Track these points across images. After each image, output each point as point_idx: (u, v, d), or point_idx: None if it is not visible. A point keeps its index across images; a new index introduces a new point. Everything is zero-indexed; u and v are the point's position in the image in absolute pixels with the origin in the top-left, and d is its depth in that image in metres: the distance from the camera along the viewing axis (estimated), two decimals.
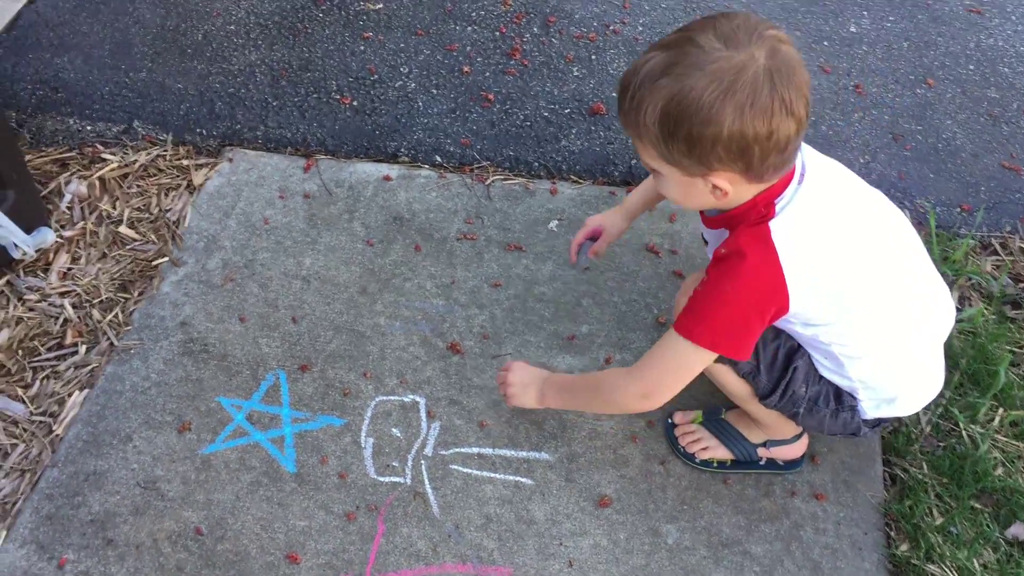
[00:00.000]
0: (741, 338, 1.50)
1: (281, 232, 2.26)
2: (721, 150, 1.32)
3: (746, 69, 1.27)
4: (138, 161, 2.37)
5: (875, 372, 1.62)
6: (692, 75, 1.29)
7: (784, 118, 1.29)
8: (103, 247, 2.23)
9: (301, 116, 2.48)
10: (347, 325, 2.10)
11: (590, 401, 1.79)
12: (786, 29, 2.67)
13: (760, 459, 1.90)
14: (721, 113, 1.28)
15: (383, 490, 1.87)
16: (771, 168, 1.37)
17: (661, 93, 1.31)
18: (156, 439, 1.93)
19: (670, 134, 1.34)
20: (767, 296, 1.46)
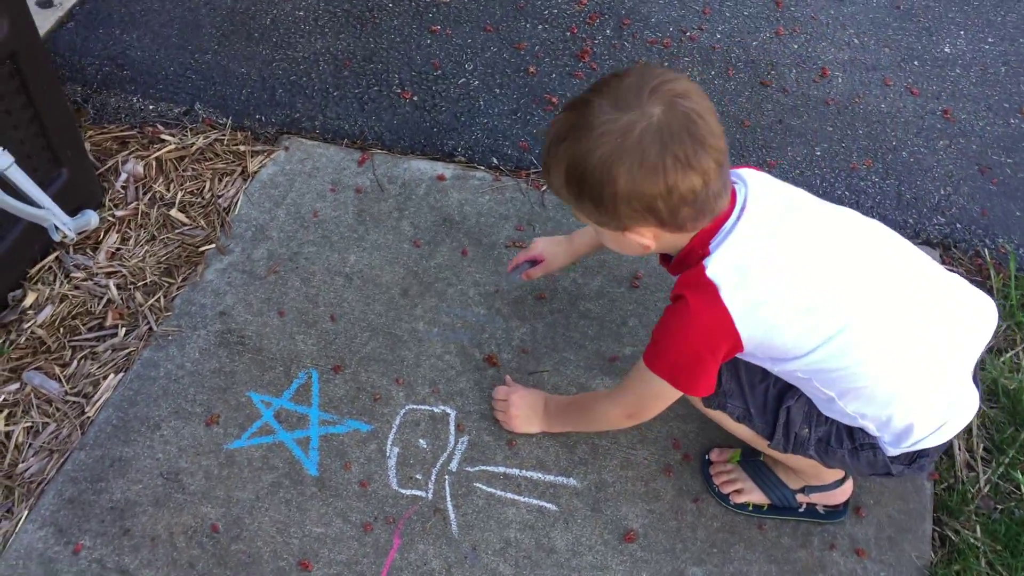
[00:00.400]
0: (695, 376, 1.49)
1: (329, 226, 2.22)
2: (625, 208, 1.33)
3: (631, 130, 1.27)
4: (195, 144, 2.36)
5: (871, 403, 1.49)
6: (585, 137, 1.31)
7: (681, 174, 1.28)
8: (153, 229, 2.23)
9: (360, 108, 2.44)
10: (385, 327, 2.06)
11: (585, 423, 1.84)
12: (874, 46, 2.53)
13: (799, 505, 1.80)
14: (614, 174, 1.30)
15: (403, 503, 1.83)
16: (688, 219, 1.35)
17: (563, 156, 1.35)
18: (183, 430, 1.92)
19: (577, 196, 1.37)
20: (715, 334, 1.42)
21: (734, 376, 1.63)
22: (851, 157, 2.35)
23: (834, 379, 1.48)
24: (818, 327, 1.42)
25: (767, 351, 1.47)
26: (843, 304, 1.42)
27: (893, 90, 2.46)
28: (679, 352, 1.47)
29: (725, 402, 1.65)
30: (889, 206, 2.26)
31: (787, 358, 1.47)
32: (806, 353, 1.44)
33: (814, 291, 1.41)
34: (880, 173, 2.32)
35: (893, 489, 1.85)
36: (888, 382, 1.46)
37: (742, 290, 1.39)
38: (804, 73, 2.49)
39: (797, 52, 2.53)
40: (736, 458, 1.84)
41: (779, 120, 2.40)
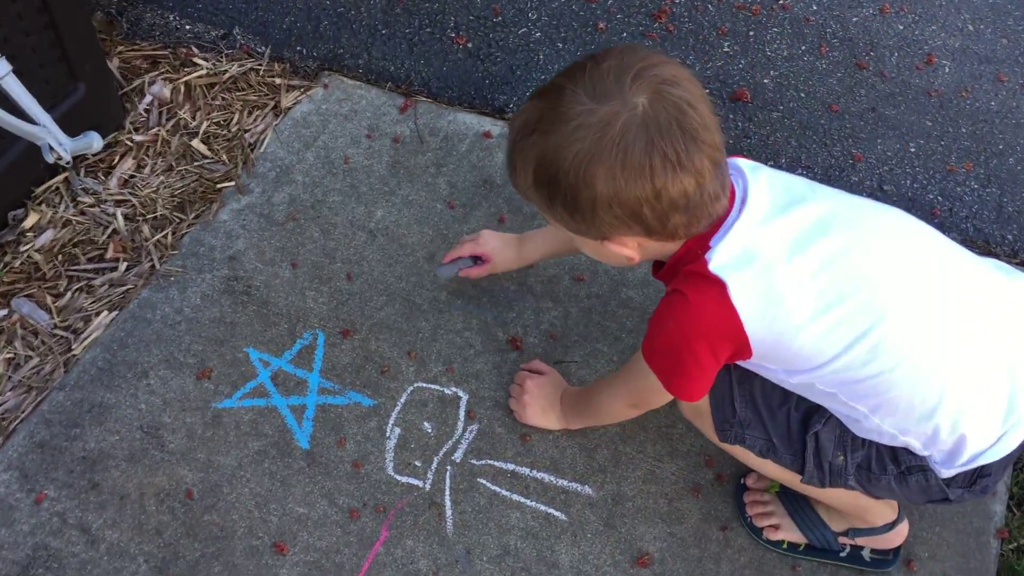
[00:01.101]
0: (690, 379, 1.31)
1: (359, 175, 2.03)
2: (605, 215, 1.16)
3: (612, 124, 1.11)
4: (228, 72, 2.19)
5: (911, 414, 1.26)
6: (556, 132, 1.13)
7: (670, 175, 1.11)
8: (171, 159, 2.06)
9: (409, 50, 2.24)
10: (403, 293, 1.87)
11: (596, 416, 1.67)
12: (990, 35, 2.24)
13: (841, 548, 1.58)
14: (591, 176, 1.12)
15: (397, 491, 1.65)
16: (679, 226, 1.18)
17: (531, 152, 1.18)
18: (172, 381, 1.76)
19: (548, 199, 1.20)
20: (718, 335, 1.24)
21: (749, 402, 1.43)
22: (950, 158, 2.08)
23: (864, 391, 1.26)
24: (842, 327, 1.21)
25: (781, 358, 1.27)
26: (872, 297, 1.22)
27: (1007, 87, 2.17)
28: (675, 352, 1.29)
29: (743, 434, 1.44)
30: (987, 217, 1.99)
31: (805, 368, 1.27)
32: (829, 360, 1.24)
33: (837, 283, 1.21)
34: (980, 179, 2.05)
35: (953, 544, 1.61)
36: (930, 387, 1.23)
37: (752, 284, 1.20)
38: (907, 58, 2.21)
39: (902, 34, 2.25)
40: (775, 488, 1.62)
41: (872, 108, 2.14)
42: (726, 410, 1.42)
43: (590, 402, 1.64)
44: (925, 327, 1.22)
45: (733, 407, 1.43)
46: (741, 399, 1.43)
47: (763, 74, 2.19)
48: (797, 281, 1.20)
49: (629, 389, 1.50)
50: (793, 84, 2.17)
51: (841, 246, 1.22)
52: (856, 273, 1.22)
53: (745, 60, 2.21)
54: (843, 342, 1.21)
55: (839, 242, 1.22)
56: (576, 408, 1.68)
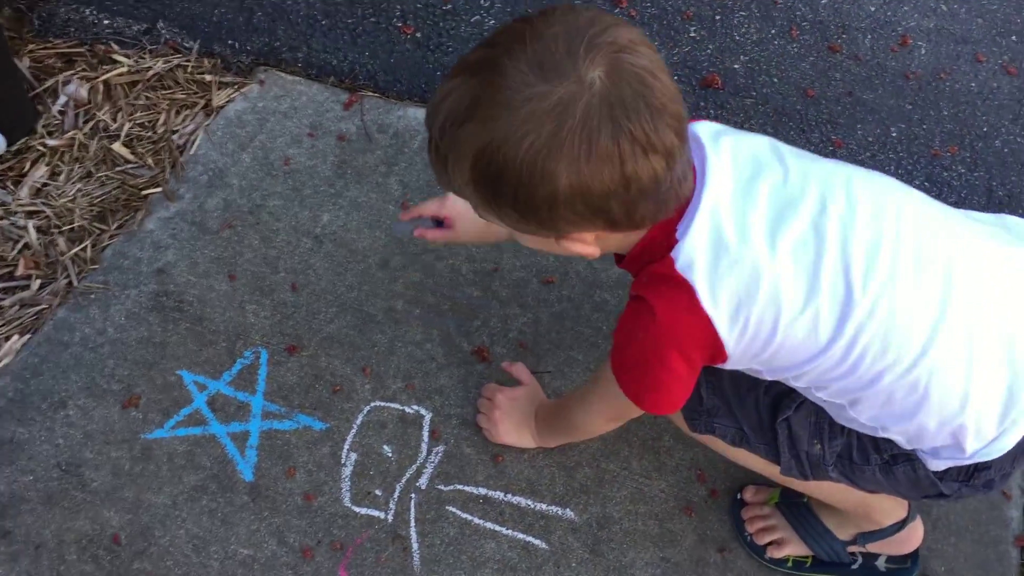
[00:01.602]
0: (664, 393, 1.17)
1: (302, 177, 1.84)
2: (564, 211, 0.99)
3: (571, 107, 0.93)
4: (153, 69, 1.98)
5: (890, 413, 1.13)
6: (501, 119, 0.94)
7: (640, 159, 0.95)
8: (90, 165, 1.85)
9: (352, 42, 2.06)
10: (355, 304, 1.69)
11: (573, 433, 1.51)
12: (964, 15, 2.13)
13: (851, 560, 1.43)
14: (551, 172, 0.95)
15: (356, 525, 1.46)
16: (647, 216, 1.02)
17: (468, 144, 0.97)
18: (94, 411, 1.55)
19: (492, 198, 1.01)
20: (690, 344, 1.11)
21: (716, 389, 1.28)
22: (933, 142, 1.96)
23: (842, 387, 1.12)
24: (820, 323, 1.07)
25: (757, 360, 1.13)
26: (852, 285, 1.06)
27: (986, 67, 2.07)
28: (645, 366, 1.15)
29: (712, 423, 1.29)
30: (977, 202, 1.87)
31: (782, 367, 1.14)
32: (807, 359, 1.10)
33: (812, 274, 1.06)
34: (967, 163, 1.93)
35: (970, 555, 1.47)
36: (915, 381, 1.09)
37: (722, 284, 1.05)
38: (881, 40, 2.10)
39: (874, 15, 2.13)
40: (775, 499, 1.47)
41: (849, 92, 2.02)
42: (692, 398, 1.26)
43: (565, 418, 1.47)
44: (910, 317, 1.07)
45: (699, 395, 1.28)
46: (707, 386, 1.28)
47: (733, 59, 2.05)
48: (770, 276, 1.05)
49: (605, 403, 1.34)
50: (765, 69, 2.04)
51: (815, 228, 1.06)
52: (833, 259, 1.06)
53: (713, 45, 2.08)
54: (822, 339, 1.08)
55: (813, 223, 1.06)
56: (551, 425, 1.51)
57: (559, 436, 1.52)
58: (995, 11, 2.16)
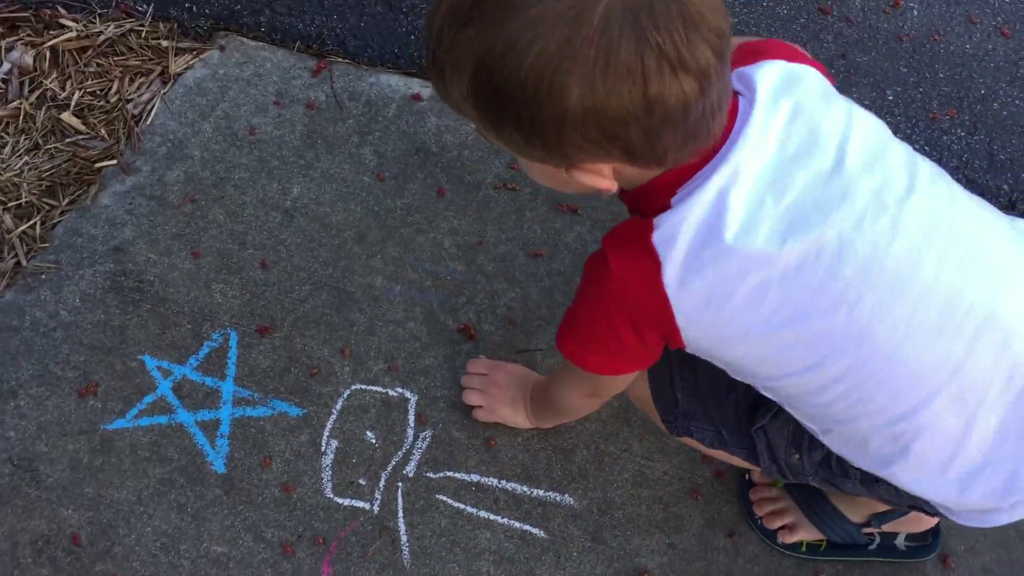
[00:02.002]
0: (608, 355, 1.07)
1: (269, 147, 1.72)
2: (574, 136, 0.85)
3: (589, 10, 0.79)
4: (104, 34, 1.84)
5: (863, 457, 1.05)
6: (507, 22, 0.80)
7: (668, 78, 0.80)
8: (37, 136, 1.71)
9: (320, 4, 1.93)
10: (331, 280, 1.57)
11: (560, 413, 1.39)
12: None
13: (867, 541, 1.35)
14: (560, 85, 0.81)
15: (339, 517, 1.35)
16: (670, 149, 0.87)
17: (467, 52, 0.83)
18: (48, 401, 1.42)
19: (495, 118, 0.88)
20: (641, 315, 0.99)
21: (692, 391, 1.19)
22: (931, 105, 1.88)
23: (813, 414, 1.06)
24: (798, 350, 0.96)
25: (717, 359, 1.06)
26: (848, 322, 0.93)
27: (980, 29, 2.00)
28: (592, 324, 1.05)
29: (689, 426, 1.21)
30: (979, 167, 1.80)
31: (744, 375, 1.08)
32: (775, 378, 1.03)
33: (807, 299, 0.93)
34: (966, 126, 1.86)
35: (991, 534, 1.40)
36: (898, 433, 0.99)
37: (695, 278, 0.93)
38: (872, 1, 2.02)
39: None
40: (780, 482, 1.38)
41: (842, 55, 1.93)
42: (668, 399, 1.19)
43: (549, 398, 1.36)
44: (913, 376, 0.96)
45: (675, 396, 1.20)
46: (683, 388, 1.20)
47: None
48: (754, 286, 0.93)
49: (575, 376, 1.22)
50: (755, 31, 1.95)
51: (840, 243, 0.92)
52: (844, 285, 0.92)
53: None
54: (798, 365, 0.98)
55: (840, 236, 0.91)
56: (540, 404, 1.40)
57: (549, 416, 1.41)
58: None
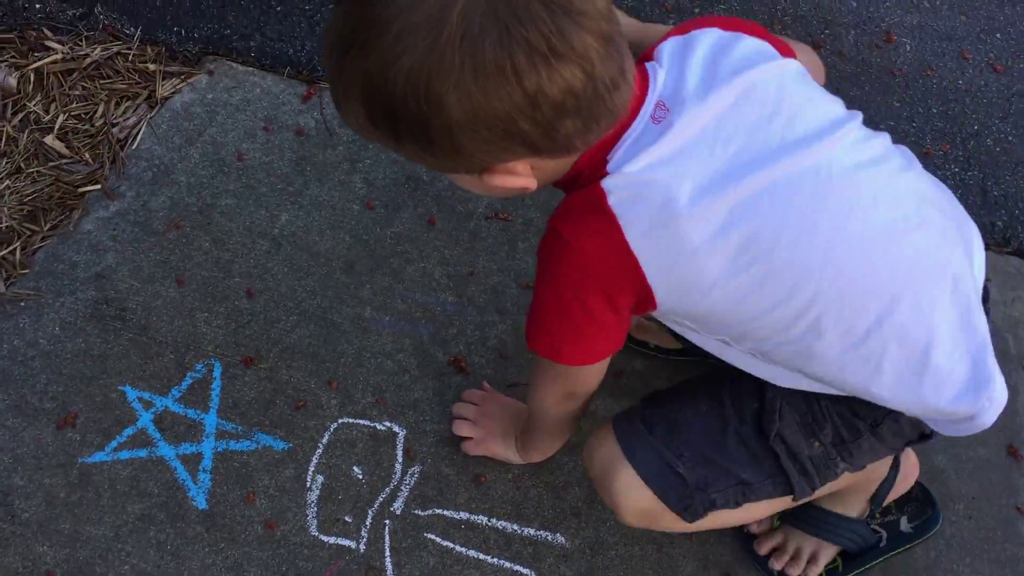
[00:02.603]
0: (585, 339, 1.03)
1: (257, 174, 1.69)
2: (468, 141, 0.85)
3: (445, 17, 0.79)
4: (90, 56, 1.81)
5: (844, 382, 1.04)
6: (377, 41, 0.81)
7: (544, 70, 0.80)
8: (19, 159, 1.67)
9: (310, 30, 1.91)
10: (318, 311, 1.54)
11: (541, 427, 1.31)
12: (947, 11, 2.07)
13: (878, 539, 1.35)
14: (436, 96, 0.81)
15: (324, 555, 1.31)
16: (574, 135, 0.87)
17: (353, 77, 0.84)
18: (24, 432, 1.38)
19: (395, 137, 0.88)
20: (612, 281, 0.97)
21: (692, 456, 1.13)
22: (924, 140, 1.88)
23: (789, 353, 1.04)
24: (766, 286, 0.96)
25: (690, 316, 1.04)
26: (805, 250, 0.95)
27: (972, 65, 2.00)
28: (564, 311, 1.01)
29: (711, 498, 1.14)
30: (973, 203, 1.79)
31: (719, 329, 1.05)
32: (748, 320, 1.01)
33: (760, 230, 0.94)
34: (960, 162, 1.85)
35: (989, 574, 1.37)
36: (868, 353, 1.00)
37: (656, 227, 0.93)
38: (865, 36, 2.02)
39: (856, 11, 2.05)
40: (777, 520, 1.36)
41: (836, 89, 1.92)
42: (674, 485, 1.13)
43: (529, 414, 1.31)
44: (864, 282, 0.97)
45: (679, 476, 1.12)
46: (681, 461, 1.13)
47: None
48: (715, 231, 0.93)
49: (547, 376, 1.18)
50: None
51: (782, 179, 0.94)
52: (793, 217, 0.94)
53: None
54: (766, 303, 0.98)
55: (780, 174, 0.94)
56: (524, 435, 1.36)
57: (534, 439, 1.35)
58: (978, 8, 2.10)
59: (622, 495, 1.14)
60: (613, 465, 1.14)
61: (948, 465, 1.46)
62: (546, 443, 1.36)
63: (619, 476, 1.13)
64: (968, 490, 1.44)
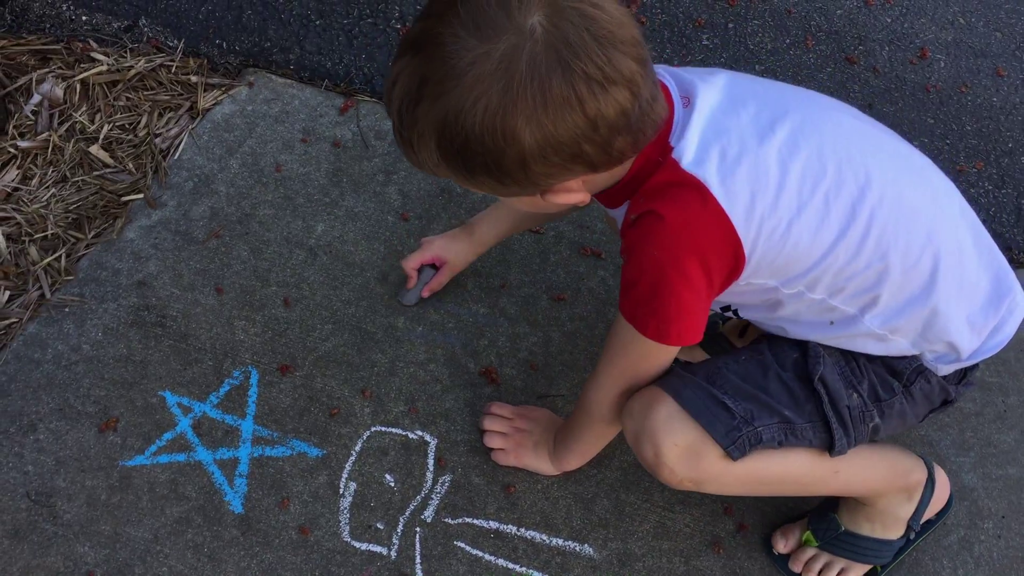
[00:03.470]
0: (686, 314, 1.09)
1: (294, 184, 1.72)
2: (539, 168, 0.98)
3: (515, 59, 0.92)
4: (134, 68, 1.86)
5: (901, 309, 1.13)
6: (452, 91, 0.94)
7: (601, 96, 0.94)
8: (66, 168, 1.72)
9: (348, 43, 1.95)
10: (353, 320, 1.56)
11: (585, 424, 1.34)
12: (983, 28, 2.07)
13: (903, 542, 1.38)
14: (512, 131, 0.94)
15: (355, 561, 1.34)
16: (627, 148, 1.00)
17: (426, 125, 0.97)
18: (67, 435, 1.42)
19: (466, 171, 1.01)
20: (709, 245, 1.05)
21: (737, 391, 1.18)
22: (958, 157, 1.88)
23: (857, 286, 1.11)
24: (832, 210, 1.06)
25: (775, 264, 1.09)
26: (852, 171, 1.08)
27: (1007, 82, 1.99)
28: (664, 287, 1.07)
29: (757, 432, 1.17)
30: (1006, 221, 1.79)
31: (799, 271, 1.10)
32: (824, 254, 1.08)
33: (814, 160, 1.06)
34: (994, 180, 1.85)
35: None
36: (922, 266, 1.11)
37: (734, 177, 1.04)
38: (899, 52, 2.02)
39: (890, 27, 2.06)
40: (812, 540, 1.36)
41: (869, 104, 1.93)
42: (721, 417, 1.16)
43: (580, 409, 1.33)
44: (913, 207, 1.10)
45: (725, 407, 1.16)
46: (728, 395, 1.17)
47: (748, 68, 1.96)
48: (778, 164, 1.05)
49: (618, 370, 1.22)
50: (781, 78, 1.95)
51: (804, 121, 1.09)
52: (831, 151, 1.08)
53: (727, 54, 1.98)
54: (836, 227, 1.07)
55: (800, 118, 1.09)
56: (568, 431, 1.38)
57: (576, 443, 1.38)
58: (1013, 25, 2.09)
59: (663, 428, 1.16)
60: (656, 401, 1.17)
61: (978, 484, 1.46)
62: (589, 444, 1.38)
63: (661, 409, 1.16)
64: (998, 509, 1.44)
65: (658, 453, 1.17)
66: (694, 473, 1.18)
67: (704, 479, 1.19)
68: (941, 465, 1.43)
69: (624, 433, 1.24)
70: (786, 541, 1.37)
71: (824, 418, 1.18)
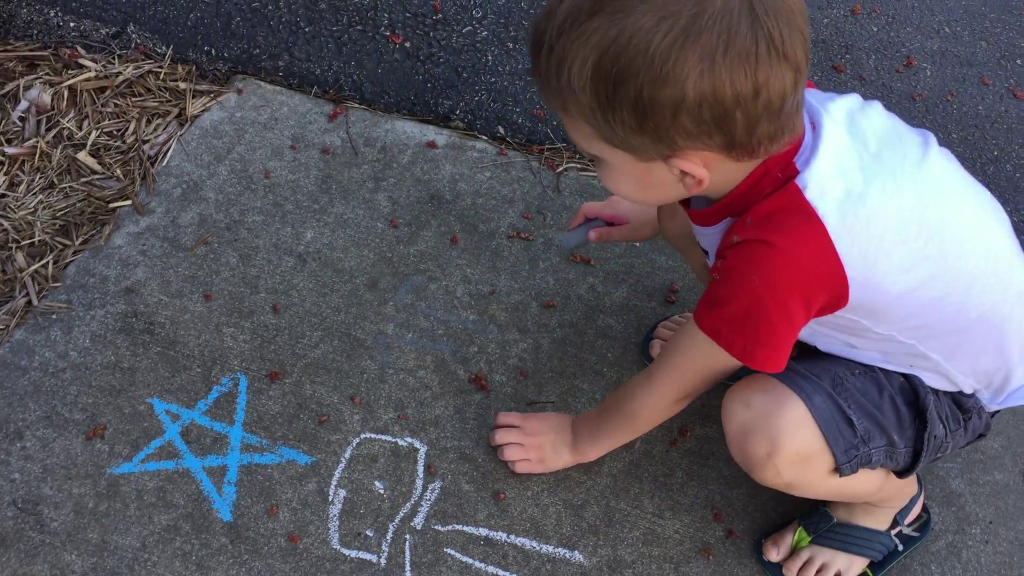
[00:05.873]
0: (776, 345, 1.08)
1: (283, 191, 1.72)
2: (687, 120, 0.93)
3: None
4: (122, 75, 1.85)
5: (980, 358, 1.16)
6: (634, 11, 0.90)
7: (775, 65, 0.90)
8: (53, 175, 1.71)
9: (337, 50, 1.95)
10: (342, 327, 1.56)
11: (631, 424, 1.34)
12: (968, 38, 2.09)
13: (894, 544, 1.39)
14: (681, 66, 0.89)
15: (345, 569, 1.33)
16: (764, 140, 0.96)
17: (591, 41, 0.91)
18: (54, 443, 1.41)
19: (609, 101, 0.94)
20: (814, 282, 1.03)
21: (859, 408, 1.17)
22: None
23: (942, 331, 1.12)
24: (926, 256, 1.05)
25: (873, 306, 1.08)
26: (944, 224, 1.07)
27: (992, 91, 2.01)
28: (762, 315, 1.06)
29: (869, 453, 1.17)
30: None
31: (894, 316, 1.09)
32: (915, 296, 1.07)
33: (916, 207, 1.05)
34: None
35: None
36: (998, 315, 1.12)
37: (852, 217, 1.01)
38: (885, 60, 2.03)
39: (877, 36, 2.07)
40: (804, 540, 1.37)
41: None
42: (844, 432, 1.15)
43: (619, 410, 1.33)
44: (1009, 262, 1.13)
45: (850, 423, 1.16)
46: (852, 410, 1.16)
47: None
48: (893, 210, 1.03)
49: (679, 377, 1.22)
50: None
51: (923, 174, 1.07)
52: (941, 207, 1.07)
53: None
54: (921, 274, 1.06)
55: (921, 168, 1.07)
56: (599, 427, 1.37)
57: (609, 437, 1.37)
58: (998, 34, 2.11)
59: (788, 433, 1.14)
60: (785, 400, 1.15)
61: (965, 489, 1.47)
62: (621, 441, 1.39)
63: (790, 413, 1.14)
64: (984, 514, 1.45)
65: (773, 454, 1.15)
66: (797, 478, 1.19)
67: (800, 484, 1.21)
68: (927, 471, 1.44)
69: (726, 420, 1.21)
70: (778, 549, 1.37)
71: (916, 444, 1.19)
